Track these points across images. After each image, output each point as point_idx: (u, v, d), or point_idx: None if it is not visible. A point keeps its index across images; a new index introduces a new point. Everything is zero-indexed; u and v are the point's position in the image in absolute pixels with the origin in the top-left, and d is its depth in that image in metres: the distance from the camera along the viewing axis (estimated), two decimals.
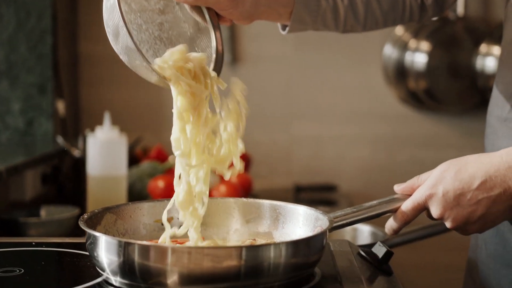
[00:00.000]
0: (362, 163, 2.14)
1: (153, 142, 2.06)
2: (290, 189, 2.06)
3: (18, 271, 0.88)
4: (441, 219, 0.89)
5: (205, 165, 0.92)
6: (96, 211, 0.92)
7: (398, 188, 0.94)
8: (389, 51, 2.09)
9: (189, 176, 0.92)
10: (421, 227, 1.25)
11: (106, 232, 0.90)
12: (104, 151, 1.46)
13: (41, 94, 1.86)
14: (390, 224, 0.93)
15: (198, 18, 0.96)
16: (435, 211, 0.89)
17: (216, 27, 0.96)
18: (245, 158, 1.79)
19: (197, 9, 0.96)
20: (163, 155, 1.84)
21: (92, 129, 1.57)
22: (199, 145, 0.93)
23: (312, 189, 2.04)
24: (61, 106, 1.90)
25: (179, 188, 0.91)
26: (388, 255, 0.94)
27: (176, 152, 0.94)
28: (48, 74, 1.86)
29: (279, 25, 1.07)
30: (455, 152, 1.72)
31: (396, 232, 0.93)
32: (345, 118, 2.13)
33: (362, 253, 0.96)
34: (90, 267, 0.89)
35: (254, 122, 2.14)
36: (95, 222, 0.89)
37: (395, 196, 0.94)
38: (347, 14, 1.05)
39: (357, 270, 0.89)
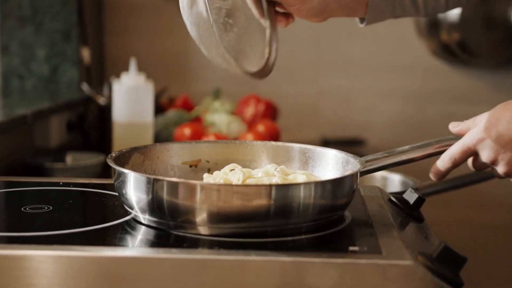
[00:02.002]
0: (391, 117, 2.09)
1: (179, 92, 2.03)
2: (317, 142, 2.03)
3: (46, 208, 0.88)
4: (492, 163, 0.85)
5: None
6: (124, 150, 0.90)
7: (454, 128, 0.90)
8: None
9: None
10: (452, 178, 1.22)
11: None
12: (130, 97, 1.44)
13: (66, 40, 1.84)
14: (437, 167, 0.89)
15: (255, 12, 0.92)
16: (486, 155, 0.85)
17: (273, 27, 0.91)
18: (272, 108, 1.75)
19: (257, 2, 0.91)
20: (190, 104, 1.82)
21: (118, 77, 1.55)
22: None
23: (339, 143, 2.01)
24: (86, 53, 1.88)
25: None
26: (419, 201, 0.92)
27: None
28: (73, 20, 1.84)
29: (356, 19, 1.01)
30: (487, 108, 1.66)
31: (442, 176, 0.89)
32: (375, 71, 2.08)
33: (393, 199, 0.94)
34: (118, 206, 0.88)
35: (282, 73, 2.09)
36: (122, 161, 0.88)
37: (433, 140, 0.91)
38: None
39: (388, 215, 0.87)
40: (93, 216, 0.90)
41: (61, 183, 1.00)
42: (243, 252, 0.72)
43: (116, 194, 0.86)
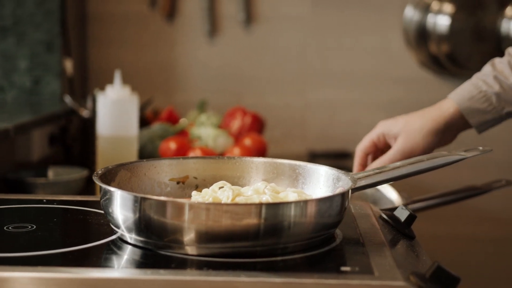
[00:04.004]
0: None
1: (164, 104, 2.01)
2: (304, 155, 2.01)
3: (30, 227, 0.86)
4: None
5: None
6: (110, 167, 0.89)
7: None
8: (411, 13, 2.02)
9: None
10: (444, 193, 1.21)
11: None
12: (115, 110, 1.41)
13: (48, 52, 1.81)
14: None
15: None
16: None
17: None
18: (258, 121, 1.73)
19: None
20: (175, 117, 1.79)
21: (101, 89, 1.52)
22: None
23: (327, 155, 1.99)
24: (69, 64, 1.85)
25: None
26: (411, 218, 0.91)
27: None
28: (56, 31, 1.81)
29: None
30: None
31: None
32: (363, 82, 2.07)
33: (384, 216, 0.92)
34: (104, 225, 0.86)
35: (268, 85, 2.08)
36: (109, 178, 0.87)
37: (420, 157, 0.91)
38: None
39: (379, 233, 0.86)
40: (78, 236, 0.88)
41: (44, 200, 0.98)
42: (232, 273, 0.71)
43: (101, 212, 0.84)
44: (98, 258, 0.76)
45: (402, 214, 0.91)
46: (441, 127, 1.08)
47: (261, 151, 1.53)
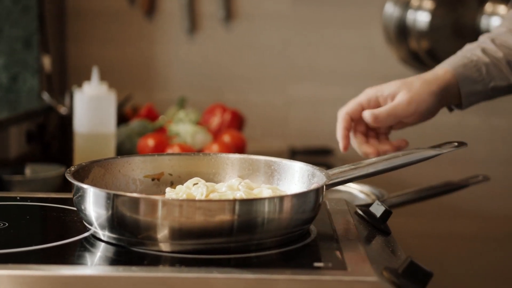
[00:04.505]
0: None
1: (143, 101, 2.00)
2: (285, 152, 2.01)
3: (2, 224, 0.85)
4: None
5: None
6: (84, 164, 0.88)
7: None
8: (390, 9, 2.02)
9: None
10: (420, 189, 1.21)
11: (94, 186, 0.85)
12: (92, 107, 1.40)
13: (26, 48, 1.79)
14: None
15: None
16: None
17: None
18: (238, 117, 1.73)
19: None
20: (154, 114, 1.79)
21: (80, 86, 1.51)
22: None
23: (308, 152, 1.99)
24: (47, 61, 1.83)
25: None
26: (386, 214, 0.91)
27: None
28: (34, 27, 1.79)
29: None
30: (457, 116, 1.67)
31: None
32: (344, 79, 2.07)
33: (360, 212, 0.93)
34: (77, 222, 0.86)
35: (249, 82, 2.08)
36: (82, 175, 0.86)
37: (395, 153, 0.92)
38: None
39: (354, 229, 0.86)
40: (51, 233, 0.87)
41: (18, 198, 0.97)
42: (205, 269, 0.71)
43: (75, 209, 0.83)
44: (71, 255, 0.76)
45: (377, 210, 0.91)
46: (440, 91, 1.04)
47: (240, 148, 1.52)
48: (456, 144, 0.97)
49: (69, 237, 0.80)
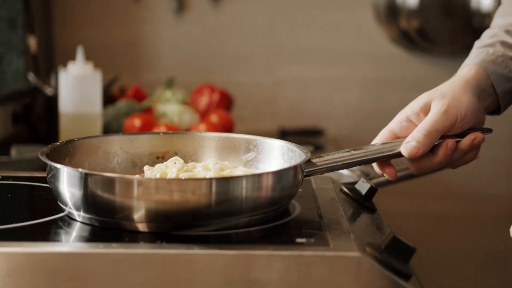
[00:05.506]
0: (350, 107, 2.07)
1: (131, 82, 1.98)
2: (275, 133, 2.00)
3: None
4: None
5: None
6: (59, 143, 0.86)
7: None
8: None
9: None
10: (406, 167, 1.20)
11: (72, 166, 0.84)
12: (77, 87, 1.39)
13: (11, 29, 1.77)
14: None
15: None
16: None
17: None
18: (227, 98, 1.72)
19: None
20: (141, 94, 1.77)
21: (66, 66, 1.49)
22: None
23: (298, 133, 1.98)
24: (32, 42, 1.81)
25: None
26: (372, 191, 0.90)
27: None
28: (19, 8, 1.77)
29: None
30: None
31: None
32: (333, 59, 2.06)
33: (345, 189, 0.91)
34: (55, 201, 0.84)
35: (237, 63, 2.06)
36: (60, 155, 0.84)
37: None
38: None
39: (338, 206, 0.85)
40: (30, 211, 0.86)
41: (0, 177, 0.96)
42: (185, 246, 0.69)
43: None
44: (49, 233, 0.75)
45: (363, 187, 0.90)
46: (474, 88, 0.89)
47: (227, 128, 1.51)
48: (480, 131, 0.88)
49: (48, 216, 0.79)
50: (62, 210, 0.81)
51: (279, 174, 0.77)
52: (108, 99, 1.67)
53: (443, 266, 2.10)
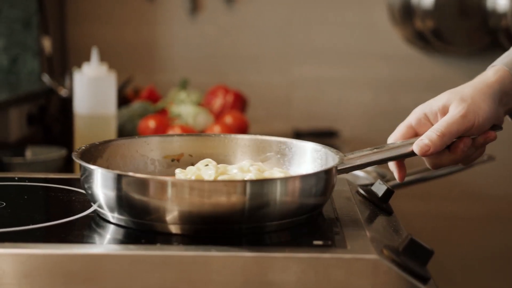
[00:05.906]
0: (365, 107, 2.06)
1: (145, 83, 1.98)
2: (289, 134, 1.99)
3: (0, 204, 0.84)
4: None
5: None
6: (89, 145, 0.85)
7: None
8: None
9: None
10: (425, 169, 1.19)
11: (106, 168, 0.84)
12: (91, 88, 1.39)
13: (25, 29, 1.78)
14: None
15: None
16: None
17: None
18: (241, 99, 1.71)
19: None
20: (155, 95, 1.77)
21: (80, 67, 1.50)
22: None
23: (312, 134, 1.97)
24: (47, 43, 1.82)
25: None
26: (388, 193, 0.89)
27: None
28: (33, 8, 1.77)
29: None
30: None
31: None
32: (347, 59, 2.05)
33: (361, 191, 0.91)
34: (76, 201, 0.85)
35: (250, 63, 2.06)
36: (93, 156, 0.84)
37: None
38: None
39: (355, 208, 0.85)
40: (48, 213, 0.86)
41: (16, 178, 0.96)
42: (203, 247, 0.69)
43: (73, 188, 0.83)
44: (69, 235, 0.74)
45: (379, 189, 0.90)
46: (497, 92, 0.88)
47: (242, 129, 1.51)
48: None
49: (67, 217, 0.79)
50: (82, 210, 0.81)
51: (317, 176, 0.77)
52: (122, 100, 1.67)
53: (460, 268, 2.09)
